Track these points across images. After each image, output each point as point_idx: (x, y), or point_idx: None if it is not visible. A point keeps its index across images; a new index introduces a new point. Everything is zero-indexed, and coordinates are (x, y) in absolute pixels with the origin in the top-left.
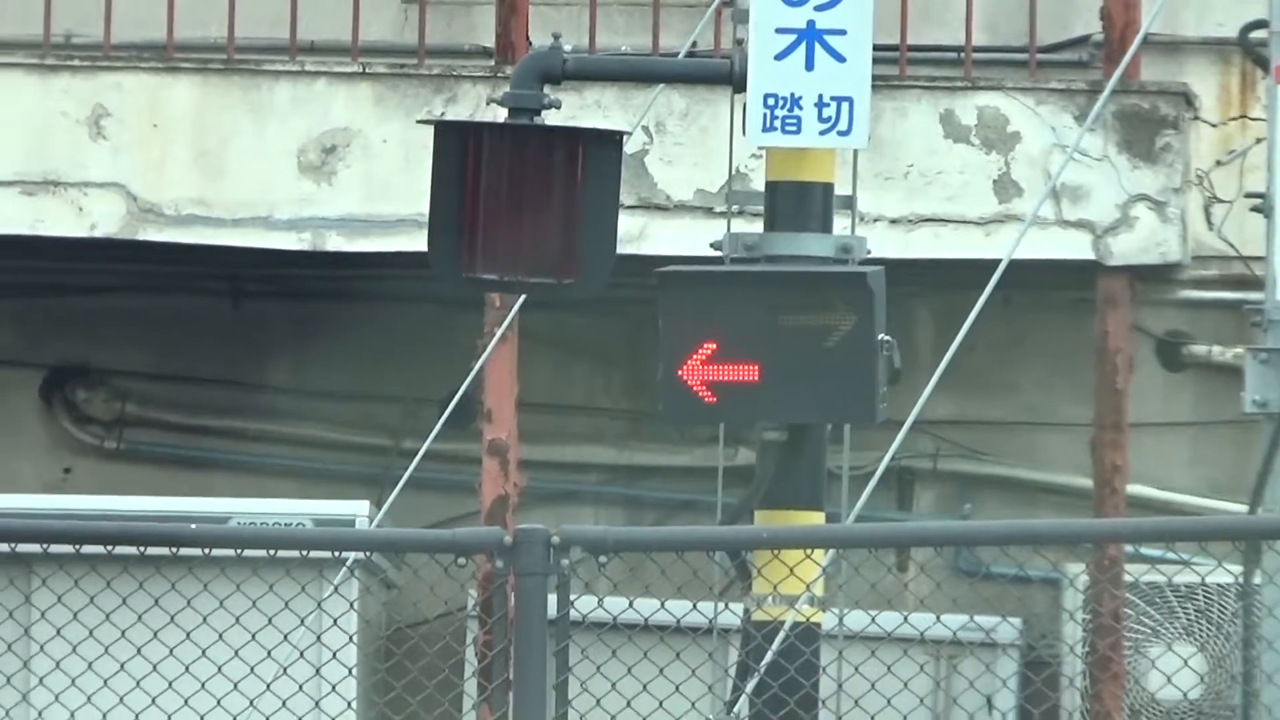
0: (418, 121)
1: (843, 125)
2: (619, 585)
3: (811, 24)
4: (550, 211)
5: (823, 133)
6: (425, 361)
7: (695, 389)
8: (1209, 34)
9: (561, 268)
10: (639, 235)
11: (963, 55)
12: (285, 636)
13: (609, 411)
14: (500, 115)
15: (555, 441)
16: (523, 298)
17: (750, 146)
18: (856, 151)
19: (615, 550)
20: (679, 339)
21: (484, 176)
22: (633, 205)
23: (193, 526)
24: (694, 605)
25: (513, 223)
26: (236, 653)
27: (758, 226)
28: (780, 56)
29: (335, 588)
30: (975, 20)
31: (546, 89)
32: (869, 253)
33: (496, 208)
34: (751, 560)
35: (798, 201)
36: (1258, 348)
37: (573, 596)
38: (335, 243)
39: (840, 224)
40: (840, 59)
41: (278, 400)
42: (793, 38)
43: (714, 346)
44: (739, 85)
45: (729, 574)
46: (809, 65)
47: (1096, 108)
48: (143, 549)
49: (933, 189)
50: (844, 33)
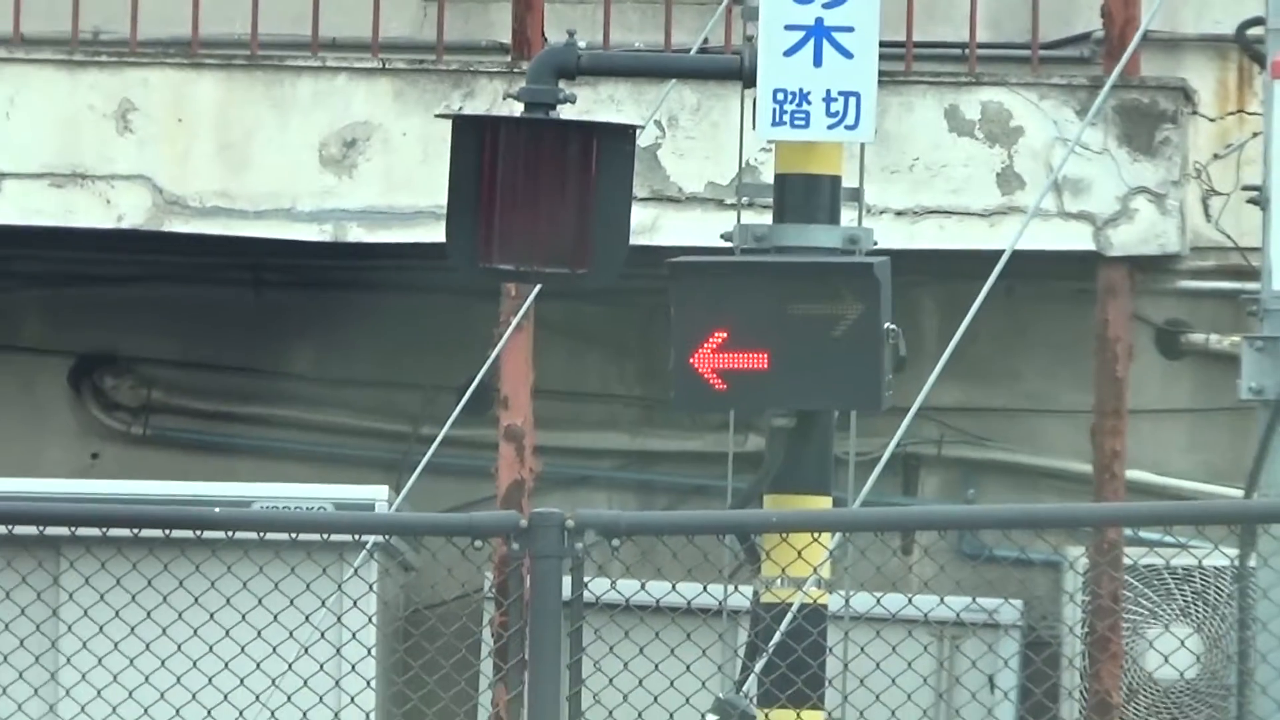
0: (436, 116)
1: (850, 120)
2: (631, 568)
3: (820, 21)
4: (565, 203)
5: (830, 127)
6: (443, 349)
7: (706, 376)
8: (1207, 31)
9: (576, 258)
10: (651, 227)
11: (967, 52)
12: (306, 617)
13: (622, 398)
14: (516, 109)
15: (570, 428)
16: (538, 287)
17: (760, 140)
18: (863, 145)
19: (628, 534)
20: (690, 328)
21: (500, 169)
22: (645, 197)
23: (216, 510)
24: (704, 587)
25: (528, 214)
26: (259, 633)
27: (767, 218)
28: (789, 53)
29: (355, 570)
30: (979, 17)
31: (562, 84)
32: (875, 244)
33: (513, 200)
34: (760, 543)
35: (806, 194)
36: (1254, 336)
37: (586, 579)
38: (356, 234)
39: (847, 216)
40: (848, 55)
41: (299, 387)
42: (801, 34)
43: (724, 335)
44: (749, 80)
45: (739, 557)
46: (817, 61)
47: (1097, 103)
48: (168, 532)
49: (938, 182)
50: (851, 30)
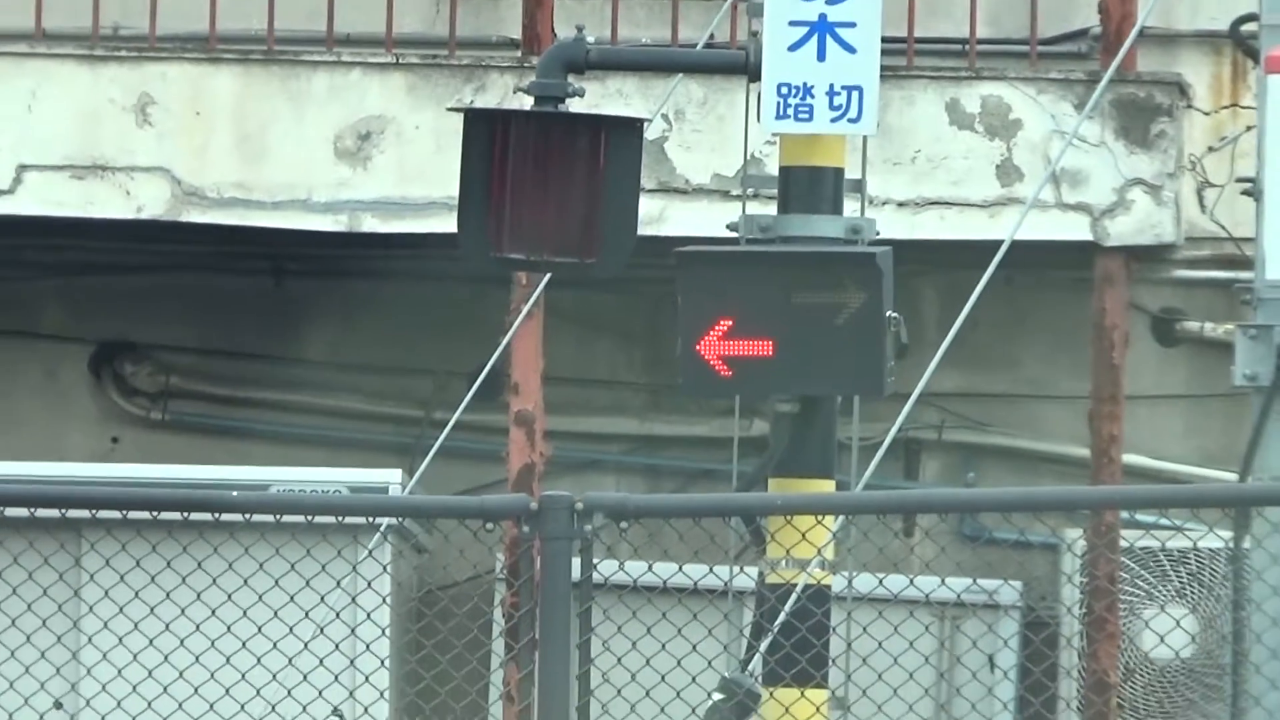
0: (448, 109)
1: (853, 113)
2: (639, 549)
3: (823, 17)
4: (574, 194)
5: (834, 120)
6: (455, 337)
7: (712, 363)
8: (1202, 27)
9: (585, 248)
10: (659, 217)
11: (967, 47)
12: (322, 598)
13: (630, 384)
14: (527, 103)
15: (579, 413)
16: (548, 276)
17: (765, 133)
18: (866, 138)
19: (636, 516)
20: (697, 316)
21: (511, 161)
22: (653, 189)
23: (234, 493)
24: (710, 569)
25: (538, 205)
26: (275, 613)
27: (772, 209)
28: (793, 48)
29: (369, 552)
30: (979, 14)
31: (571, 78)
32: (878, 234)
33: (523, 191)
34: (765, 526)
35: (810, 185)
36: (1247, 324)
37: (595, 560)
38: (370, 224)
39: (850, 206)
40: (850, 50)
41: (314, 373)
42: (805, 30)
43: (730, 323)
44: (754, 75)
45: (744, 539)
46: (820, 56)
47: (1094, 97)
48: (186, 515)
49: (938, 173)
50: (854, 25)
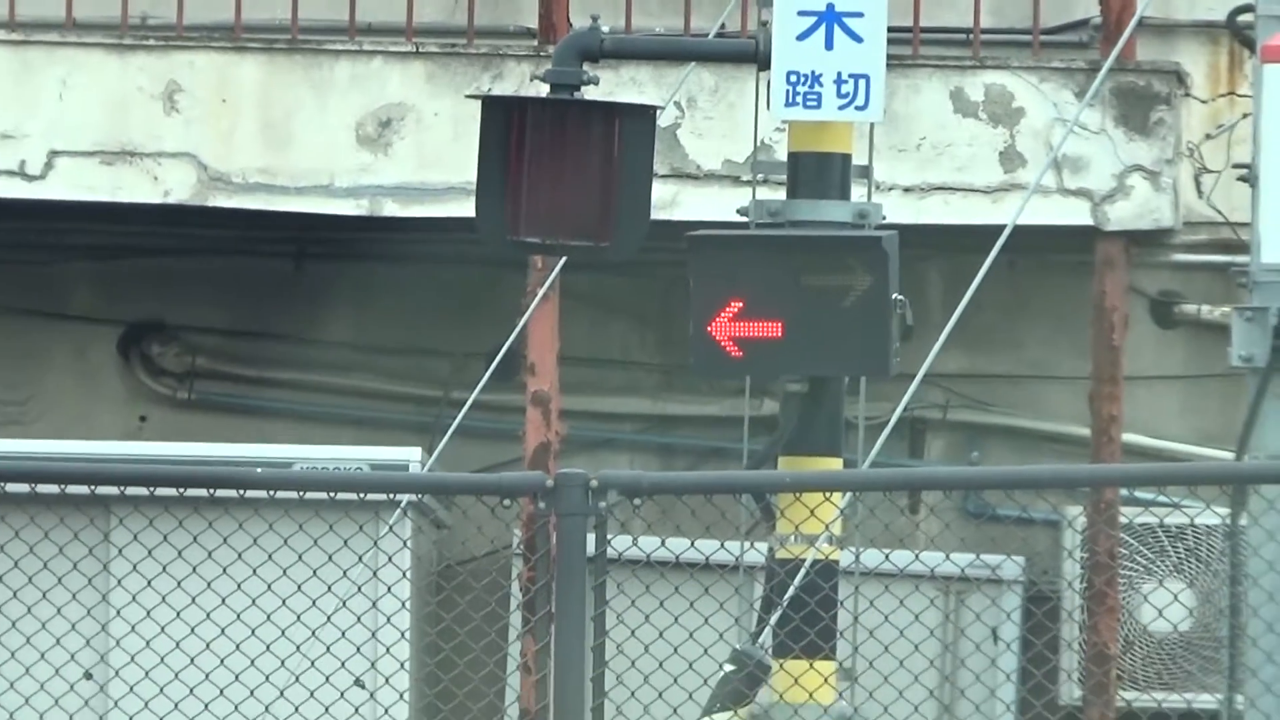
0: (466, 97)
1: (860, 101)
2: (652, 525)
3: (831, 7)
4: (589, 180)
5: (841, 107)
6: (473, 318)
7: (723, 344)
8: (1199, 17)
9: (599, 232)
10: (671, 202)
11: (971, 36)
12: (344, 573)
13: (644, 365)
14: (543, 91)
15: (593, 393)
16: (563, 260)
17: (774, 120)
18: (873, 125)
19: (649, 493)
20: (708, 298)
21: (527, 147)
22: (665, 174)
23: (258, 470)
24: (722, 544)
25: (554, 190)
26: (299, 587)
27: (781, 194)
28: (802, 37)
29: (390, 527)
30: (983, 4)
31: (586, 66)
32: (884, 218)
33: (539, 176)
34: (775, 502)
35: (818, 171)
36: (1243, 306)
37: (610, 536)
38: (390, 209)
39: (857, 192)
40: (857, 39)
41: (336, 354)
42: (813, 19)
43: (740, 305)
44: (764, 63)
45: (754, 515)
46: (828, 45)
47: (1095, 85)
48: (212, 491)
49: (943, 160)
50: (861, 15)
